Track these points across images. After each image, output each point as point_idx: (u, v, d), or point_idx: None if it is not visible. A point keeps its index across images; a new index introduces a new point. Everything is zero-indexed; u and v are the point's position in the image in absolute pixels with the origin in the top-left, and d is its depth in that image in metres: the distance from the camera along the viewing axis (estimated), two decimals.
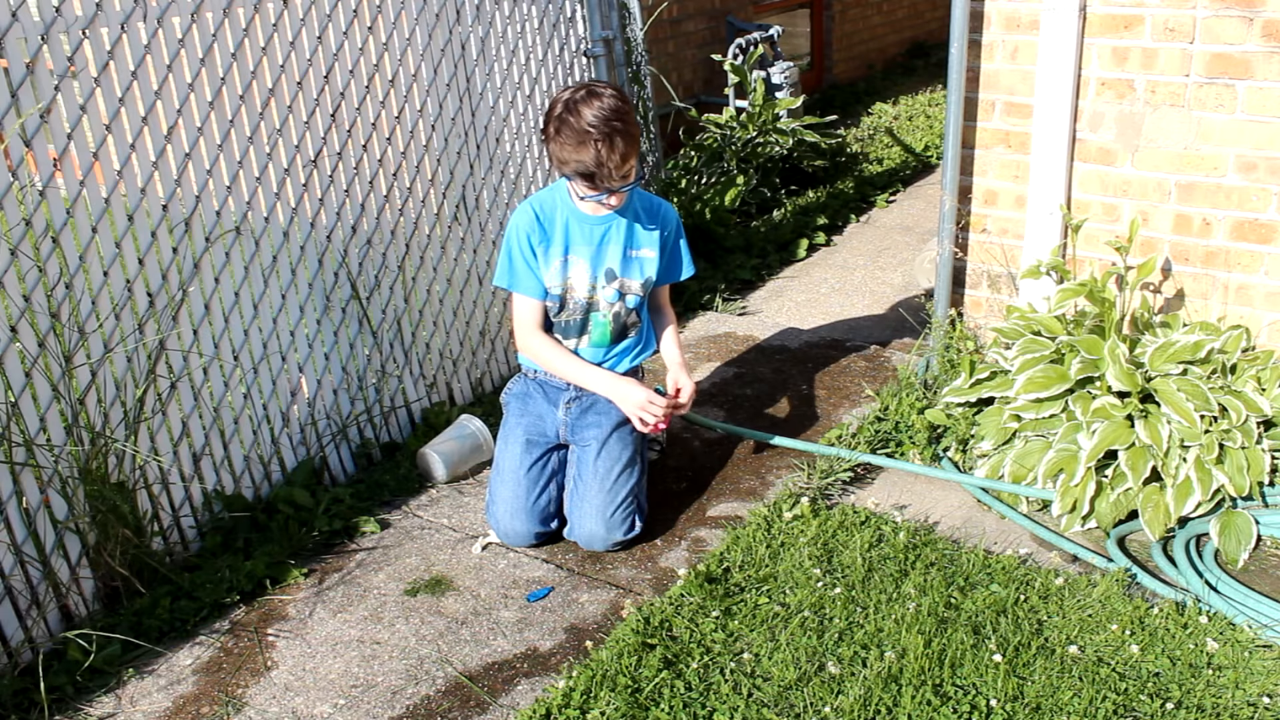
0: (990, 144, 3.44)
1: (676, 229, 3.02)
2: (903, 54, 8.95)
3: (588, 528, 2.82)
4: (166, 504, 2.84)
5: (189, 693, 2.44)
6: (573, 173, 2.70)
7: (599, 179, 2.69)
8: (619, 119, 2.64)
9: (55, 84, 2.45)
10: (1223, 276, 3.13)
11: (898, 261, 4.82)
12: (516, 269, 2.90)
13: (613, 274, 2.92)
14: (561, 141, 2.66)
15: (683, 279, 3.08)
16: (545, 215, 2.88)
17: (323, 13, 3.04)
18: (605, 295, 2.93)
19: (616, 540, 2.83)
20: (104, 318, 2.62)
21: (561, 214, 2.89)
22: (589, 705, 2.25)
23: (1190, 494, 2.63)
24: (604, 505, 2.81)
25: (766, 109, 5.67)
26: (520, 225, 2.88)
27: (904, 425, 3.25)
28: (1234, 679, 2.24)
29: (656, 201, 3.00)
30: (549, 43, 3.88)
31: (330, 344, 3.23)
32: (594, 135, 2.61)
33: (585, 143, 2.62)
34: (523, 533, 2.86)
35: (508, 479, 2.88)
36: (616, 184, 2.72)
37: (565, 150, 2.66)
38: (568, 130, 2.64)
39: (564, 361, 2.93)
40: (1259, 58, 2.88)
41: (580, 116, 2.62)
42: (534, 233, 2.87)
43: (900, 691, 2.23)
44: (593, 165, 2.65)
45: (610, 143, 2.63)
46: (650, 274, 2.96)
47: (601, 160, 2.64)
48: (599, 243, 2.89)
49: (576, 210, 2.88)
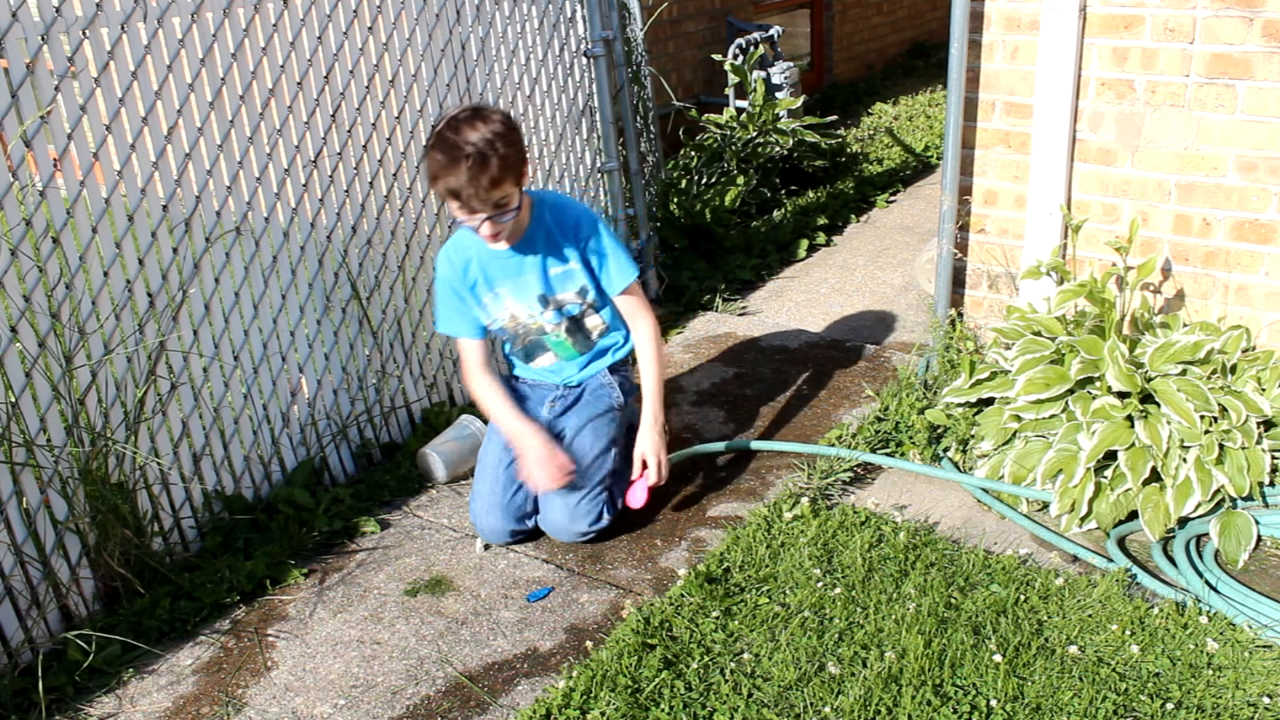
0: (990, 144, 3.44)
1: (593, 231, 2.85)
2: (903, 54, 8.95)
3: (551, 517, 2.84)
4: (166, 504, 2.84)
5: (189, 693, 2.44)
6: (442, 191, 2.56)
7: (464, 201, 2.54)
8: (499, 142, 2.52)
9: (55, 84, 2.45)
10: (1223, 277, 3.13)
11: (898, 261, 4.82)
12: (448, 314, 2.89)
13: (544, 299, 2.87)
14: (433, 156, 2.53)
15: (630, 280, 2.89)
16: (459, 261, 2.83)
17: (323, 13, 3.04)
18: (547, 319, 2.90)
19: (581, 531, 2.83)
20: (104, 318, 2.62)
21: (474, 254, 2.83)
22: (589, 705, 2.25)
23: (1190, 494, 2.63)
24: (568, 497, 2.81)
25: (766, 109, 5.67)
26: (444, 275, 2.85)
27: (904, 425, 3.25)
28: (1234, 679, 2.24)
29: (569, 207, 2.86)
30: (549, 43, 3.88)
31: (330, 344, 3.23)
32: (465, 152, 2.49)
33: (456, 161, 2.50)
34: (497, 529, 2.87)
35: (487, 475, 2.91)
36: (485, 211, 2.57)
37: (435, 166, 2.53)
38: (441, 146, 2.52)
39: (496, 407, 2.89)
40: (1259, 58, 2.88)
41: (458, 134, 2.52)
42: (454, 278, 2.84)
43: (900, 691, 2.23)
44: (461, 185, 2.51)
45: (481, 164, 2.49)
46: (582, 281, 2.87)
47: (471, 181, 2.50)
48: (515, 273, 2.83)
49: (485, 248, 2.79)
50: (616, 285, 2.90)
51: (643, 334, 2.97)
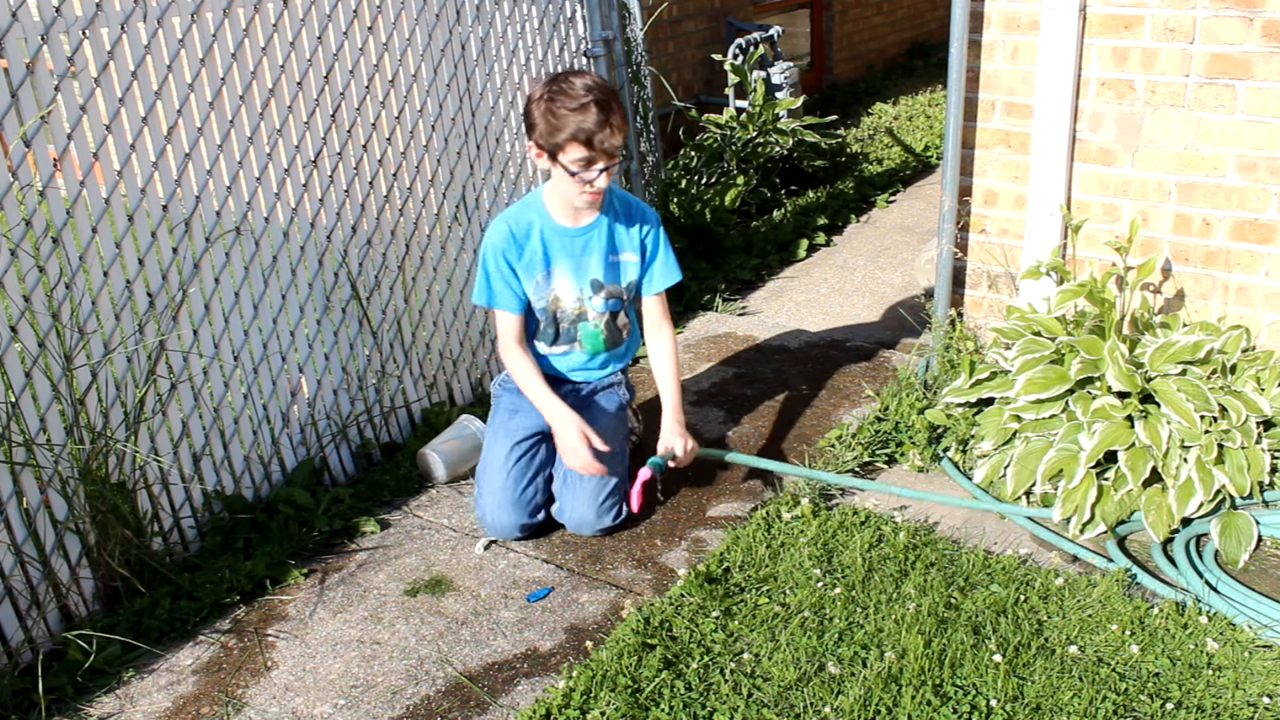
0: (990, 144, 3.44)
1: (657, 228, 2.95)
2: (903, 54, 8.95)
3: (579, 512, 2.86)
4: (166, 504, 2.84)
5: (189, 693, 2.44)
6: (568, 139, 2.59)
7: (595, 144, 2.60)
8: (610, 89, 2.64)
9: (55, 84, 2.45)
10: (1223, 276, 3.13)
11: (898, 261, 4.82)
12: (493, 286, 2.87)
13: (598, 284, 2.90)
14: (556, 108, 2.58)
15: (672, 283, 3.00)
16: (520, 231, 2.83)
17: (323, 13, 3.04)
18: (594, 305, 2.92)
19: (605, 526, 2.88)
20: (104, 318, 2.62)
21: (538, 228, 2.84)
22: (589, 705, 2.25)
23: (1193, 494, 2.63)
24: (595, 492, 2.85)
25: (766, 109, 5.67)
26: (495, 244, 2.83)
27: (904, 425, 3.25)
28: (1234, 679, 2.24)
29: (634, 201, 2.95)
30: (549, 43, 3.88)
31: (330, 344, 3.23)
32: (593, 97, 2.57)
33: (586, 106, 2.56)
34: (508, 525, 2.89)
35: (496, 471, 2.91)
36: (607, 157, 2.64)
37: (561, 116, 2.58)
38: (563, 96, 2.58)
39: (531, 382, 2.90)
40: (1259, 58, 2.88)
41: (573, 84, 2.59)
42: (510, 249, 2.83)
43: (900, 691, 2.23)
44: (593, 127, 2.57)
45: (607, 107, 2.59)
46: (633, 277, 2.93)
47: (602, 123, 2.58)
48: (580, 253, 2.86)
49: (553, 223, 2.84)
50: (659, 285, 2.97)
51: (666, 342, 3.02)
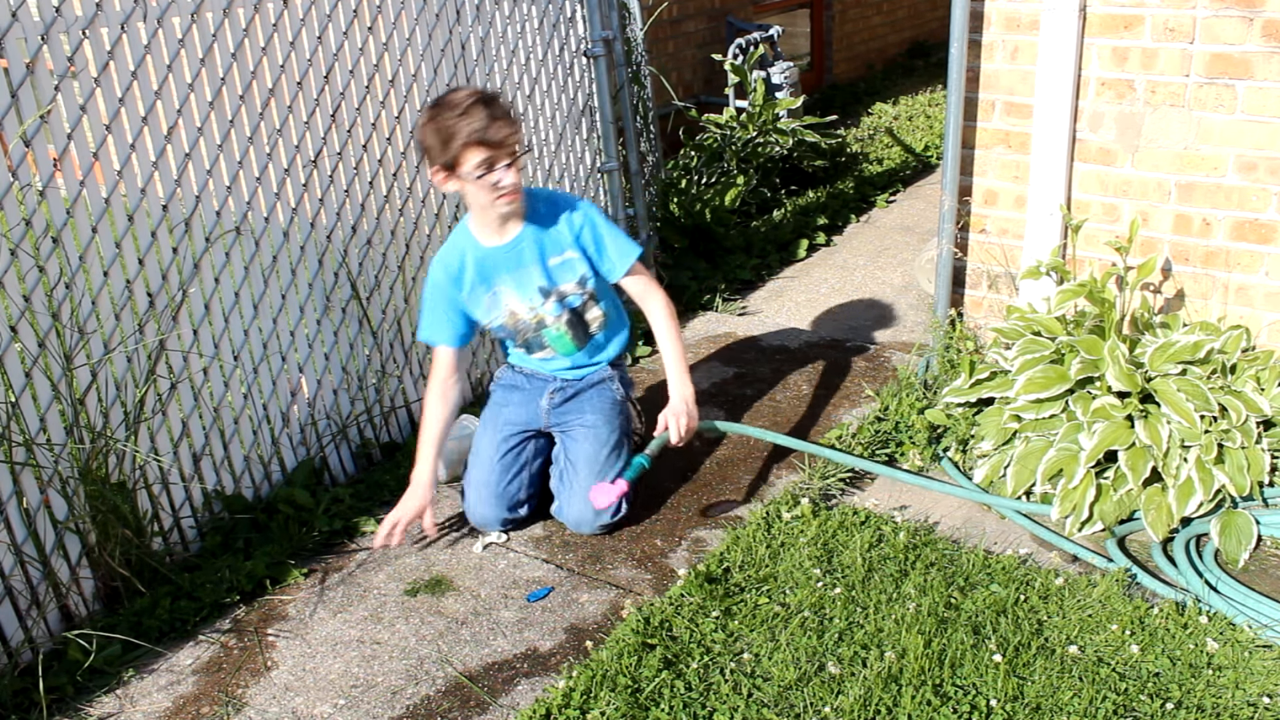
0: (990, 144, 3.44)
1: (589, 216, 2.86)
2: (903, 54, 8.95)
3: (577, 509, 2.88)
4: (166, 504, 2.84)
5: (189, 693, 2.44)
6: (462, 146, 2.56)
7: (490, 142, 2.56)
8: (487, 91, 2.63)
9: (55, 84, 2.45)
10: (1223, 276, 3.13)
11: (898, 261, 4.82)
12: (433, 321, 2.87)
13: (545, 290, 2.86)
14: (441, 122, 2.56)
15: (633, 259, 2.90)
16: (453, 265, 2.82)
17: (323, 13, 3.04)
18: (548, 310, 2.89)
19: (604, 523, 2.88)
20: (104, 318, 2.62)
21: (469, 256, 2.82)
22: (589, 705, 2.25)
23: (1193, 494, 2.63)
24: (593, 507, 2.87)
25: (766, 109, 5.67)
26: (434, 281, 2.84)
27: (904, 425, 3.25)
28: (1234, 679, 2.24)
29: (559, 197, 2.89)
30: (549, 43, 3.88)
31: (330, 344, 3.23)
32: (473, 99, 2.55)
33: (469, 109, 2.54)
34: (490, 517, 2.91)
35: (483, 464, 2.94)
36: (508, 153, 2.60)
37: (449, 123, 2.55)
38: (444, 109, 2.57)
39: (425, 430, 2.89)
40: (1259, 58, 2.88)
41: (451, 96, 2.59)
42: (448, 286, 2.83)
43: (900, 691, 2.23)
44: (482, 124, 2.54)
45: (490, 103, 2.57)
46: (583, 271, 2.87)
47: (489, 119, 2.54)
48: (516, 267, 2.83)
49: (481, 246, 2.81)
50: (620, 268, 2.90)
51: (657, 310, 2.96)
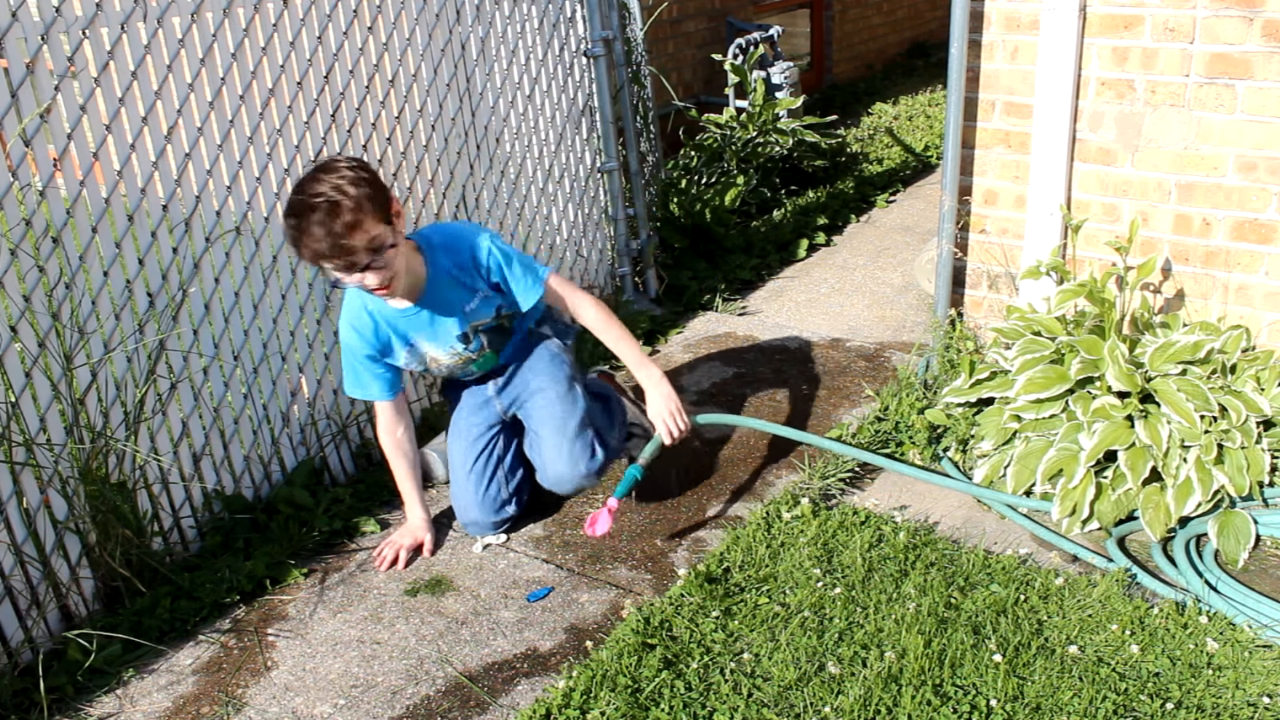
0: (990, 144, 3.44)
1: (490, 253, 2.68)
2: (903, 54, 8.95)
3: (554, 471, 2.85)
4: (167, 504, 2.84)
5: (189, 693, 2.44)
6: (309, 257, 2.39)
7: (331, 256, 2.35)
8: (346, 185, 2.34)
9: (55, 84, 2.45)
10: (1223, 276, 3.13)
11: (898, 261, 4.82)
12: (358, 380, 2.77)
13: (464, 336, 2.76)
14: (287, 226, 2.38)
15: (540, 276, 2.74)
16: (365, 329, 2.68)
17: (323, 13, 3.04)
18: (470, 349, 2.80)
19: (582, 472, 2.82)
20: (104, 318, 2.62)
21: (380, 319, 2.68)
22: (589, 705, 2.25)
23: (1191, 494, 2.63)
24: (559, 444, 2.82)
25: (766, 109, 5.67)
26: (348, 345, 2.72)
27: (904, 425, 3.25)
28: (1234, 679, 2.24)
29: (457, 242, 2.68)
30: (549, 43, 3.88)
31: (330, 344, 3.23)
32: (310, 204, 2.31)
33: (308, 228, 2.32)
34: (480, 523, 2.92)
35: (458, 476, 2.95)
36: (361, 261, 2.38)
37: (291, 233, 2.38)
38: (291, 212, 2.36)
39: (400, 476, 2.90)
40: (1259, 58, 2.88)
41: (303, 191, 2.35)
42: (362, 348, 2.71)
43: (900, 691, 2.23)
44: (322, 247, 2.33)
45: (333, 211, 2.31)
46: (497, 303, 2.75)
47: (330, 240, 2.32)
48: (428, 325, 2.70)
49: (389, 309, 2.66)
50: (532, 290, 2.74)
51: (589, 313, 2.81)
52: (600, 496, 3.11)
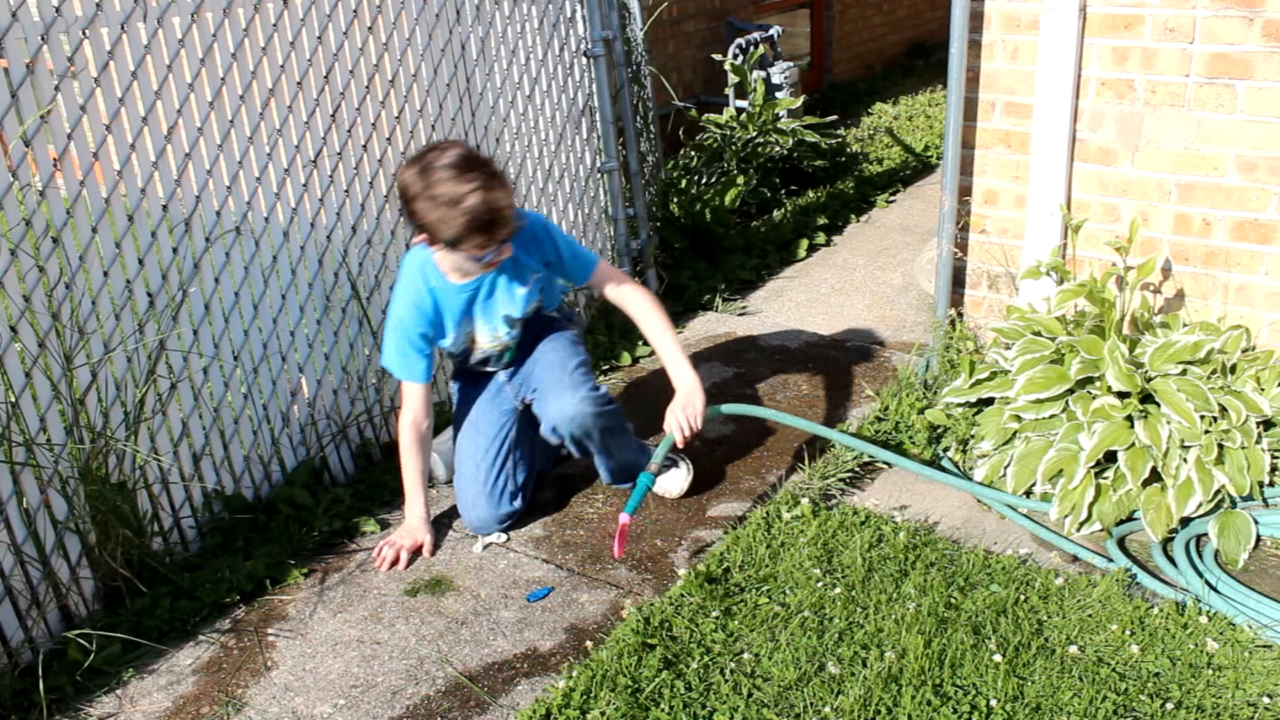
0: (990, 144, 3.44)
1: (548, 236, 2.81)
2: (903, 54, 8.95)
3: (554, 409, 2.80)
4: (167, 504, 2.84)
5: (189, 693, 2.44)
6: (464, 231, 2.47)
7: (498, 225, 2.50)
8: (481, 163, 2.49)
9: (55, 84, 2.45)
10: (1223, 276, 3.13)
11: (898, 261, 4.82)
12: (404, 357, 2.79)
13: (511, 319, 2.85)
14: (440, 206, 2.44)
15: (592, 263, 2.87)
16: (424, 306, 2.74)
17: (323, 13, 3.04)
18: (511, 335, 2.89)
19: (591, 412, 2.78)
20: (104, 318, 2.62)
21: (441, 298, 2.75)
22: (589, 705, 2.25)
23: (1192, 494, 2.63)
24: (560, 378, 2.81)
25: (766, 109, 5.67)
26: (408, 322, 2.74)
27: (904, 425, 3.25)
28: (1234, 679, 2.24)
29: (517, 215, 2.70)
30: (549, 43, 3.88)
31: (330, 344, 3.23)
32: (475, 186, 2.43)
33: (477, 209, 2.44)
34: (486, 518, 2.91)
35: (467, 467, 2.93)
36: (509, 229, 2.55)
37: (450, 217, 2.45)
38: (443, 190, 2.43)
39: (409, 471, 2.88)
40: (1259, 58, 2.88)
41: (449, 173, 2.44)
42: (419, 322, 2.75)
43: (900, 691, 2.23)
44: (487, 219, 2.46)
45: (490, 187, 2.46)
46: (539, 296, 2.88)
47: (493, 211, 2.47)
48: (485, 301, 2.80)
49: (452, 285, 2.74)
50: (585, 273, 2.87)
51: (638, 300, 2.87)
52: (599, 500, 3.11)
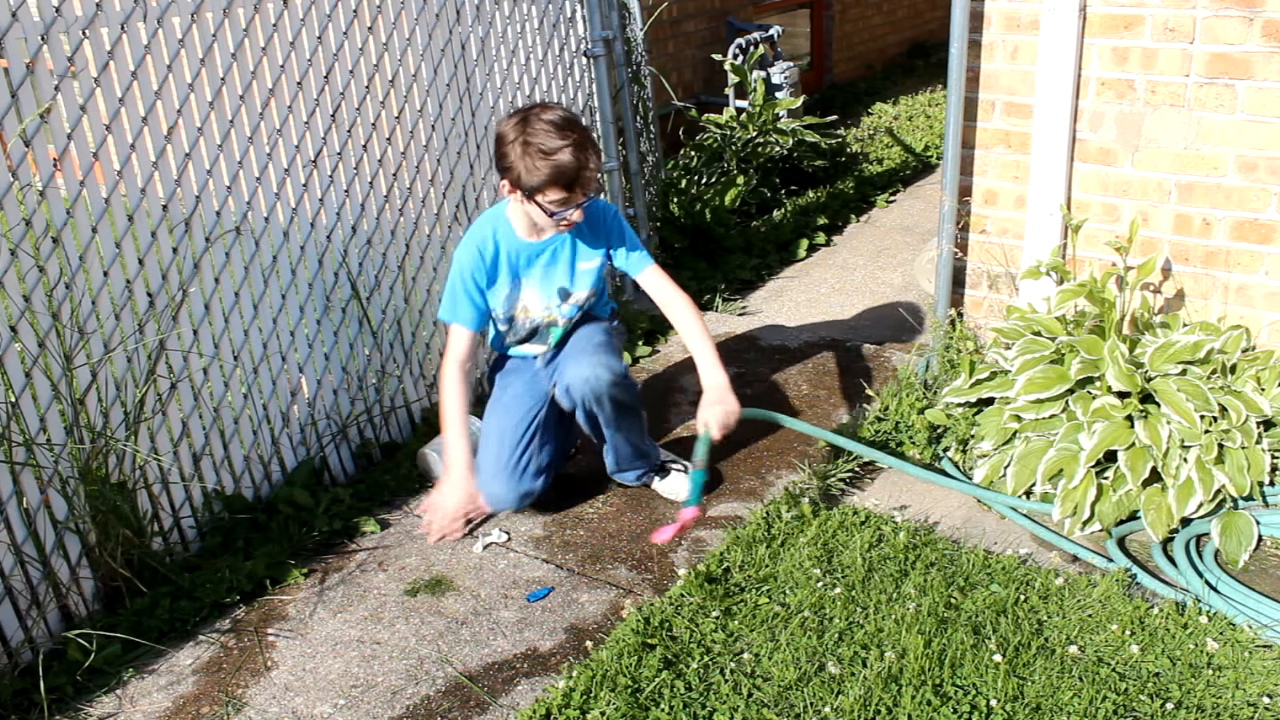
0: (990, 144, 3.44)
1: (615, 221, 2.90)
2: (903, 54, 8.95)
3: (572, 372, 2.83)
4: (167, 504, 2.84)
5: (189, 693, 2.44)
6: (547, 184, 2.55)
7: (576, 188, 2.57)
8: (582, 125, 2.59)
9: (55, 84, 2.45)
10: (1223, 276, 3.13)
11: (898, 261, 4.82)
12: (458, 301, 2.81)
13: (565, 292, 2.89)
14: (533, 152, 2.53)
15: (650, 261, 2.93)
16: (487, 252, 2.79)
17: (323, 13, 3.04)
18: (563, 312, 2.91)
19: (605, 377, 2.80)
20: (104, 318, 2.62)
21: (504, 247, 2.80)
22: (589, 705, 2.25)
23: (1192, 494, 2.63)
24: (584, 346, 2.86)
25: (766, 109, 5.67)
26: (465, 264, 2.78)
27: (904, 425, 3.25)
28: (1234, 679, 2.24)
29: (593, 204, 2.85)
30: (549, 43, 3.88)
31: (330, 344, 3.23)
32: (571, 140, 2.52)
33: (563, 149, 2.52)
34: (505, 495, 2.89)
35: (491, 444, 2.92)
36: (587, 191, 2.62)
37: (539, 162, 2.53)
38: (539, 139, 2.52)
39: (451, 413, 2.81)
40: (1259, 58, 2.88)
41: (548, 125, 2.53)
42: (479, 271, 2.78)
43: (900, 691, 2.23)
44: (573, 171, 2.54)
45: (584, 146, 2.55)
46: (595, 281, 2.91)
47: (581, 165, 2.54)
48: (547, 264, 2.84)
49: (518, 239, 2.79)
50: (639, 266, 2.92)
51: (683, 309, 2.90)
52: (600, 500, 3.11)
